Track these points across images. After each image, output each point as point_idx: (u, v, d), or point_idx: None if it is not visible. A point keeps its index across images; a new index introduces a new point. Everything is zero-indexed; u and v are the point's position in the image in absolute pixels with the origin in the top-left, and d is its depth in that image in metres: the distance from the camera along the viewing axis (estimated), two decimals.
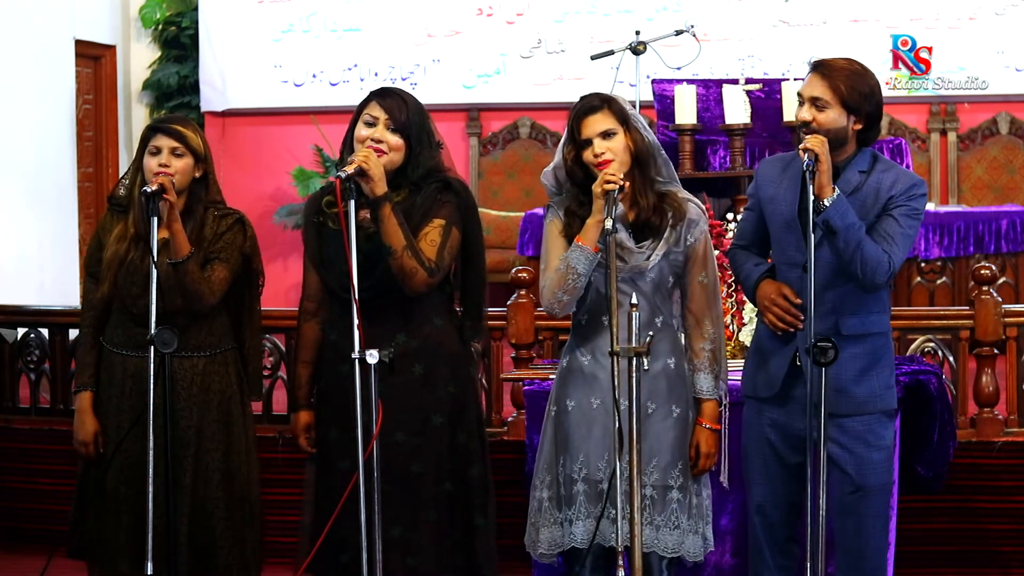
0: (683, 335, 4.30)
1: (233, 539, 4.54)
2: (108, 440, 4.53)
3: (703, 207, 4.31)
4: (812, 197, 4.05)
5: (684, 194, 4.29)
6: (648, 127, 4.28)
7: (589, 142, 4.17)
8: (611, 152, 4.15)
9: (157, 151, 4.46)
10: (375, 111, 4.26)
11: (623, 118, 4.19)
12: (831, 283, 4.18)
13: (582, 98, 4.25)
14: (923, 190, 4.23)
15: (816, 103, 4.17)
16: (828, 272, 4.16)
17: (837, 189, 4.08)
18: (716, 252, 5.24)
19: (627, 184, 4.11)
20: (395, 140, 4.25)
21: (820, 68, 4.21)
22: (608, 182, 4.04)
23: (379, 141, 4.24)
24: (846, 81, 4.16)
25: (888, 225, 4.17)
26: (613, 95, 4.26)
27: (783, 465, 4.28)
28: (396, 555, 4.20)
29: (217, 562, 4.52)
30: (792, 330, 4.20)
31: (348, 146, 4.31)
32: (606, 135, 4.16)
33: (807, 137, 4.10)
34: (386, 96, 4.30)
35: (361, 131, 4.26)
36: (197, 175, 4.52)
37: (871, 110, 4.20)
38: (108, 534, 4.51)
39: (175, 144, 4.45)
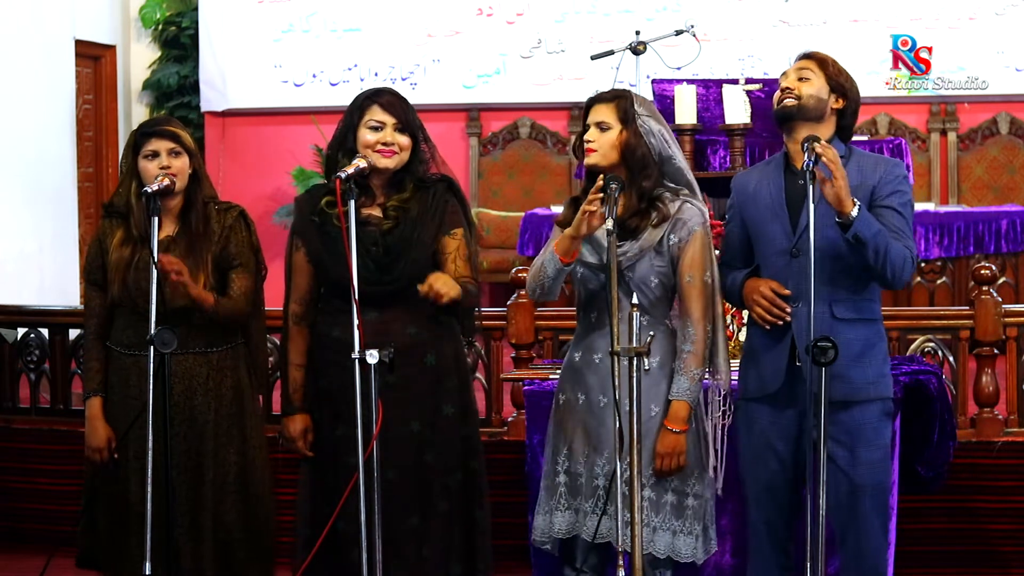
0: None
1: (249, 533, 4.55)
2: (121, 444, 4.53)
3: (703, 209, 4.29)
4: (814, 194, 4.06)
5: (684, 197, 4.27)
6: (661, 135, 4.28)
7: (589, 127, 4.28)
8: (597, 143, 4.23)
9: (154, 155, 4.48)
10: (379, 115, 4.30)
11: (625, 117, 4.23)
12: (823, 267, 4.17)
13: (608, 89, 4.39)
14: (906, 172, 4.30)
15: (800, 73, 4.27)
16: (820, 256, 4.15)
17: (858, 202, 4.09)
18: (716, 252, 5.25)
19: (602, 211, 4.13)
20: (404, 140, 4.32)
21: (809, 53, 4.35)
22: (593, 200, 4.08)
23: (390, 144, 4.30)
24: (834, 65, 4.29)
25: (893, 219, 4.19)
26: (637, 96, 4.32)
27: (783, 466, 4.28)
28: (412, 545, 4.27)
29: (236, 556, 4.53)
30: (780, 323, 4.20)
31: (344, 150, 4.34)
32: (600, 125, 4.24)
33: (818, 144, 4.09)
34: (384, 96, 4.35)
35: (368, 136, 4.29)
36: (190, 171, 4.54)
37: (850, 97, 4.29)
38: (128, 540, 4.50)
39: (172, 145, 4.49)
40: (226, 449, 4.53)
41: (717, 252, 4.89)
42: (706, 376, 4.29)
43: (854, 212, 4.06)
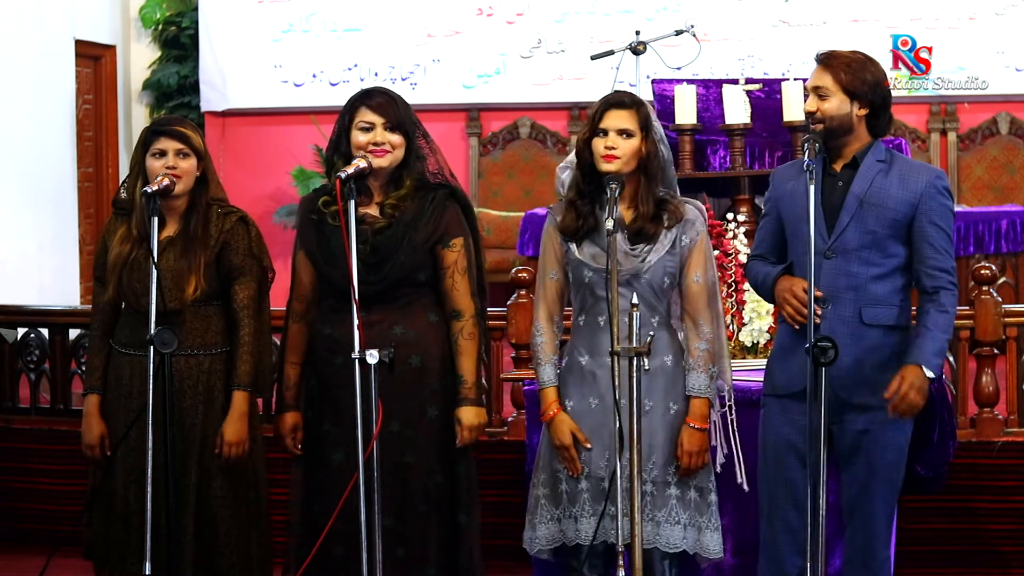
0: (682, 334, 4.32)
1: (237, 538, 4.54)
2: (114, 442, 4.53)
3: (702, 208, 4.34)
4: (815, 194, 4.07)
5: (682, 199, 4.34)
6: (666, 141, 4.33)
7: (605, 132, 4.23)
8: (620, 150, 4.21)
9: (162, 153, 4.47)
10: (368, 116, 4.33)
11: (646, 125, 4.26)
12: (854, 271, 4.18)
13: (616, 92, 4.35)
14: (947, 181, 4.30)
15: (818, 92, 4.23)
16: (851, 259, 4.16)
17: (924, 369, 4.15)
18: (716, 252, 5.27)
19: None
20: (396, 138, 4.34)
21: (823, 59, 4.28)
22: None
23: (381, 144, 4.32)
24: (847, 69, 4.22)
25: (937, 239, 4.21)
26: (645, 102, 4.32)
27: (804, 466, 4.24)
28: (386, 545, 4.23)
29: (220, 561, 4.52)
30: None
31: (340, 153, 4.37)
32: (622, 133, 4.22)
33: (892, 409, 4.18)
34: (373, 97, 4.37)
35: (359, 137, 4.33)
36: (197, 174, 4.54)
37: (875, 97, 4.25)
38: (118, 536, 4.51)
39: (180, 146, 4.48)
40: (213, 453, 4.51)
41: (727, 238, 4.91)
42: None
43: (931, 374, 4.15)
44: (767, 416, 4.36)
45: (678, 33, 7.80)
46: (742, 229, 5.46)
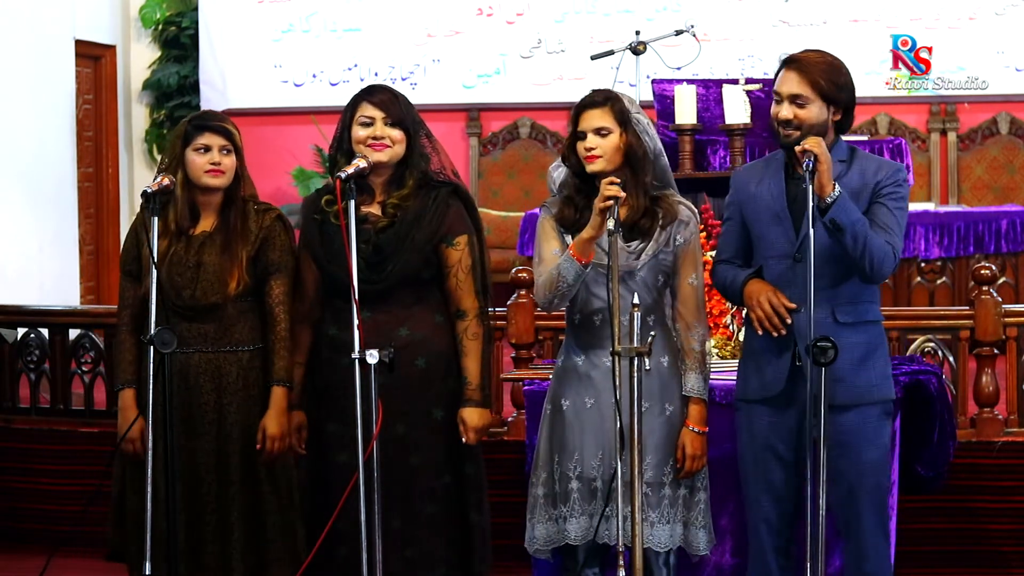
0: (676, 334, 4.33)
1: (283, 531, 4.52)
2: (154, 440, 4.49)
3: (695, 210, 4.34)
4: (813, 196, 4.05)
5: (678, 197, 4.33)
6: (652, 132, 4.29)
7: (584, 135, 4.22)
8: (601, 149, 4.20)
9: (206, 149, 4.46)
10: (369, 111, 4.34)
11: (622, 119, 4.22)
12: (825, 272, 4.16)
13: (590, 92, 4.31)
14: (906, 176, 4.26)
15: (796, 100, 4.18)
16: (821, 261, 4.14)
17: (838, 186, 4.08)
18: (713, 253, 5.27)
19: (623, 196, 4.12)
20: (396, 134, 4.35)
21: (794, 64, 4.21)
22: (608, 198, 4.04)
23: (380, 138, 4.33)
24: (823, 75, 4.18)
25: (883, 215, 4.18)
26: (622, 95, 4.29)
27: (785, 468, 4.27)
28: (394, 547, 4.24)
29: (269, 556, 4.50)
30: (775, 333, 4.18)
31: (342, 150, 4.39)
32: (599, 131, 4.20)
33: (806, 140, 4.10)
34: (375, 93, 4.39)
35: (359, 132, 4.34)
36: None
37: (848, 100, 4.24)
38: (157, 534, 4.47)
39: (224, 142, 4.48)
40: (255, 448, 4.50)
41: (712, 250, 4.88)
42: None
43: (830, 197, 4.05)
44: (744, 420, 4.34)
45: (678, 33, 7.81)
46: None
